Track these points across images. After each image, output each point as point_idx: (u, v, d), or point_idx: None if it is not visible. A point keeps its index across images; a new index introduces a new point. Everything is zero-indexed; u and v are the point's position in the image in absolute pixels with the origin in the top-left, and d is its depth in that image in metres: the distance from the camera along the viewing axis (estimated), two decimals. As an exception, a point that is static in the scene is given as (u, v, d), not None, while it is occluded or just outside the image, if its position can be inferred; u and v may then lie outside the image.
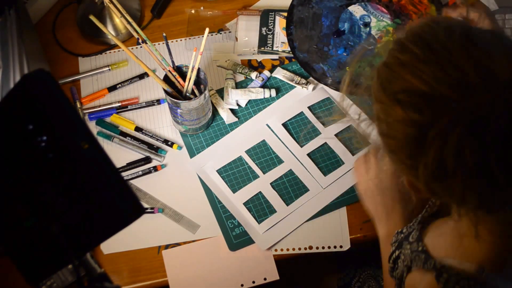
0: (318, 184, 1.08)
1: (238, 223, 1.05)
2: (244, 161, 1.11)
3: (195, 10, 1.29)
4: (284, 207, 1.06)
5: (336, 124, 1.11)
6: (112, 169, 0.62)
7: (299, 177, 1.09)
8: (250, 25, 1.25)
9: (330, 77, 1.18)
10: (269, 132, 1.13)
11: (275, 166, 1.10)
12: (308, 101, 1.16)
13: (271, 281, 1.01)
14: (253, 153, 1.11)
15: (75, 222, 0.63)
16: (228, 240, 1.04)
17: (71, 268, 0.99)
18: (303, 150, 1.11)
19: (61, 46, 1.26)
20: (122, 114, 1.17)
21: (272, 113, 1.15)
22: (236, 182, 1.09)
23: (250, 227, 1.04)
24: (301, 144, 1.11)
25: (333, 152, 1.10)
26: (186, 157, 1.12)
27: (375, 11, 1.24)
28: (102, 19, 1.24)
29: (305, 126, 1.12)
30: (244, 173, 1.10)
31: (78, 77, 1.21)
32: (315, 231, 1.05)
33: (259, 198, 1.07)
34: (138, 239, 1.04)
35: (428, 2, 1.25)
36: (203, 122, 1.12)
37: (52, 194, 0.63)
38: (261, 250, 1.03)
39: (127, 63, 1.23)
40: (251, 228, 1.04)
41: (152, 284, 1.02)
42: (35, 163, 0.64)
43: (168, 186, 1.09)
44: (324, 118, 1.12)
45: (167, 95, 1.05)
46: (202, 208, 1.07)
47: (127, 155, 1.12)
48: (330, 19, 1.23)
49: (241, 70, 1.19)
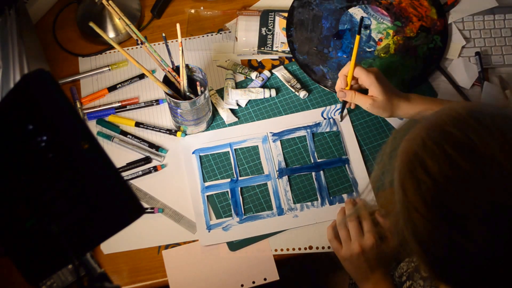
0: (284, 207, 1.06)
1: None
2: (229, 157, 1.11)
3: (195, 10, 1.29)
4: (242, 215, 1.05)
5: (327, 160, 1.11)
6: (112, 169, 0.62)
7: (270, 194, 1.07)
8: (250, 25, 1.25)
9: (330, 79, 1.18)
10: (266, 141, 1.12)
11: (254, 174, 1.09)
12: (316, 128, 1.14)
13: (271, 281, 1.01)
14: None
15: (75, 222, 0.63)
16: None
17: (71, 268, 1.00)
18: (286, 171, 1.09)
19: (61, 46, 1.26)
20: (121, 114, 1.17)
21: (278, 124, 1.14)
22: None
23: (200, 218, 1.05)
24: (290, 165, 1.10)
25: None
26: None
27: (376, 13, 1.24)
28: (102, 19, 1.25)
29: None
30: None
31: (78, 77, 1.21)
32: (315, 231, 1.05)
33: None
34: (138, 239, 1.04)
35: (429, 5, 1.25)
36: (203, 122, 1.12)
37: (52, 194, 0.64)
38: (260, 250, 1.03)
39: (127, 63, 1.23)
40: (200, 219, 1.05)
41: (152, 284, 1.02)
42: (35, 163, 0.64)
43: (168, 186, 1.09)
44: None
45: (167, 95, 1.05)
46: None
47: (127, 155, 1.12)
48: (330, 21, 1.23)
49: (241, 70, 1.20)
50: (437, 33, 1.22)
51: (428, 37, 1.21)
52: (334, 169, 1.10)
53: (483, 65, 1.19)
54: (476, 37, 1.23)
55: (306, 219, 1.05)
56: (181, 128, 1.13)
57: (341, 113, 1.13)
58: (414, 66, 1.19)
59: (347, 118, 1.15)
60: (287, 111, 1.16)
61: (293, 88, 1.18)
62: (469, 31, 1.24)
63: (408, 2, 1.25)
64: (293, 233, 1.05)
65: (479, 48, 1.22)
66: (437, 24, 1.23)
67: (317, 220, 1.05)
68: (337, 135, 1.13)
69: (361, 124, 1.14)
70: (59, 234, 0.63)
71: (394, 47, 1.20)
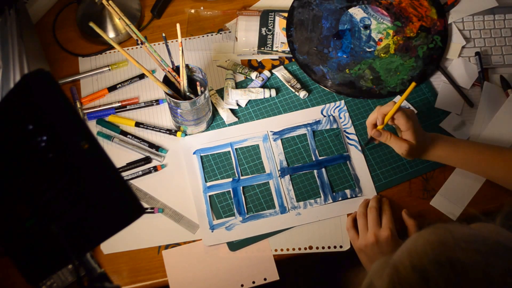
0: (286, 206, 1.06)
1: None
2: (230, 157, 1.11)
3: (195, 10, 1.29)
4: (244, 215, 1.05)
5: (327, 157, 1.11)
6: (112, 169, 0.62)
7: (272, 193, 1.08)
8: (249, 25, 1.25)
9: (329, 79, 1.18)
10: (267, 140, 1.12)
11: (255, 173, 1.09)
12: (316, 126, 1.14)
13: (271, 281, 1.01)
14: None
15: (75, 222, 0.63)
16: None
17: (71, 268, 1.00)
18: (288, 170, 1.10)
19: (61, 46, 1.26)
20: (121, 114, 1.17)
21: (278, 123, 1.14)
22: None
23: (203, 218, 1.05)
24: (291, 164, 1.10)
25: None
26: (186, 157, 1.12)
27: (375, 14, 1.24)
28: (102, 19, 1.25)
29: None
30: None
31: (78, 77, 1.21)
32: (315, 231, 1.05)
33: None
34: (138, 239, 1.04)
35: (429, 5, 1.25)
36: (203, 122, 1.12)
37: (52, 194, 0.63)
38: (260, 250, 1.03)
39: (127, 63, 1.23)
40: (203, 220, 1.05)
41: (152, 284, 1.02)
42: (35, 163, 0.64)
43: (168, 186, 1.09)
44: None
45: (167, 95, 1.05)
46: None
47: (127, 155, 1.12)
48: (330, 21, 1.23)
49: (241, 70, 1.20)
50: (437, 33, 1.22)
51: (428, 37, 1.21)
52: (337, 165, 1.10)
53: (483, 65, 1.19)
54: (476, 37, 1.23)
55: (309, 216, 1.05)
56: (181, 128, 1.13)
57: (365, 144, 1.11)
58: (414, 66, 1.19)
59: (347, 114, 1.15)
60: (287, 111, 1.16)
61: (293, 88, 1.18)
62: (469, 31, 1.24)
63: (408, 2, 1.25)
64: (293, 233, 1.05)
65: (479, 48, 1.22)
66: (437, 24, 1.23)
67: (320, 218, 1.05)
68: (337, 135, 1.13)
69: (362, 124, 1.14)
70: (59, 234, 0.63)
71: (394, 47, 1.20)
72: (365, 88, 1.17)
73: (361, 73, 1.18)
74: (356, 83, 1.17)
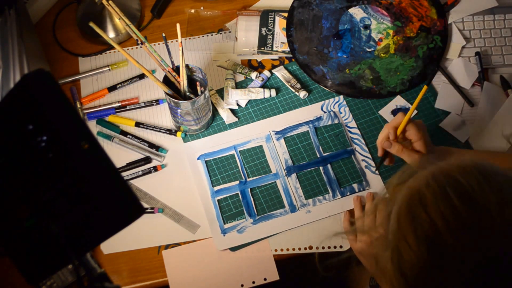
0: (296, 204, 1.06)
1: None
2: (235, 159, 1.11)
3: (195, 10, 1.29)
4: (255, 216, 1.05)
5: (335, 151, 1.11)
6: (112, 169, 0.62)
7: (280, 192, 1.08)
8: (249, 25, 1.25)
9: (329, 79, 1.18)
10: (270, 140, 1.12)
11: (261, 174, 1.09)
12: (318, 122, 1.14)
13: (271, 281, 1.01)
14: (247, 155, 1.11)
15: (75, 222, 0.63)
16: (227, 240, 1.04)
17: (71, 268, 1.00)
18: (294, 168, 1.10)
19: (61, 46, 1.26)
20: (121, 114, 1.17)
21: (279, 122, 1.14)
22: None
23: (214, 223, 1.04)
24: (296, 162, 1.10)
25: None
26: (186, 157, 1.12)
27: (375, 14, 1.24)
28: (102, 19, 1.25)
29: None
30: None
31: (78, 77, 1.21)
32: (315, 231, 1.05)
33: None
34: (138, 239, 1.04)
35: (429, 5, 1.25)
36: (203, 122, 1.12)
37: (52, 194, 0.64)
38: (260, 250, 1.03)
39: (127, 63, 1.23)
40: (214, 225, 1.04)
41: (152, 284, 1.02)
42: (35, 163, 0.64)
43: (168, 186, 1.09)
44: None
45: (167, 95, 1.05)
46: (202, 208, 1.07)
47: (127, 155, 1.12)
48: (330, 21, 1.23)
49: (241, 70, 1.20)
50: (437, 33, 1.22)
51: (428, 37, 1.21)
52: (342, 160, 1.11)
53: (483, 65, 1.19)
54: (476, 37, 1.23)
55: (320, 213, 1.06)
56: (181, 128, 1.13)
57: (376, 167, 1.10)
58: (414, 66, 1.19)
59: (347, 109, 1.15)
60: (287, 111, 1.16)
61: (293, 88, 1.18)
62: (469, 31, 1.24)
63: (408, 2, 1.25)
64: (293, 233, 1.05)
65: (479, 48, 1.22)
66: (437, 24, 1.23)
67: (330, 213, 1.06)
68: (337, 135, 1.13)
69: (367, 123, 1.14)
70: (59, 234, 0.63)
71: (394, 47, 1.20)
72: (365, 88, 1.17)
73: (361, 73, 1.18)
74: (356, 83, 1.17)
